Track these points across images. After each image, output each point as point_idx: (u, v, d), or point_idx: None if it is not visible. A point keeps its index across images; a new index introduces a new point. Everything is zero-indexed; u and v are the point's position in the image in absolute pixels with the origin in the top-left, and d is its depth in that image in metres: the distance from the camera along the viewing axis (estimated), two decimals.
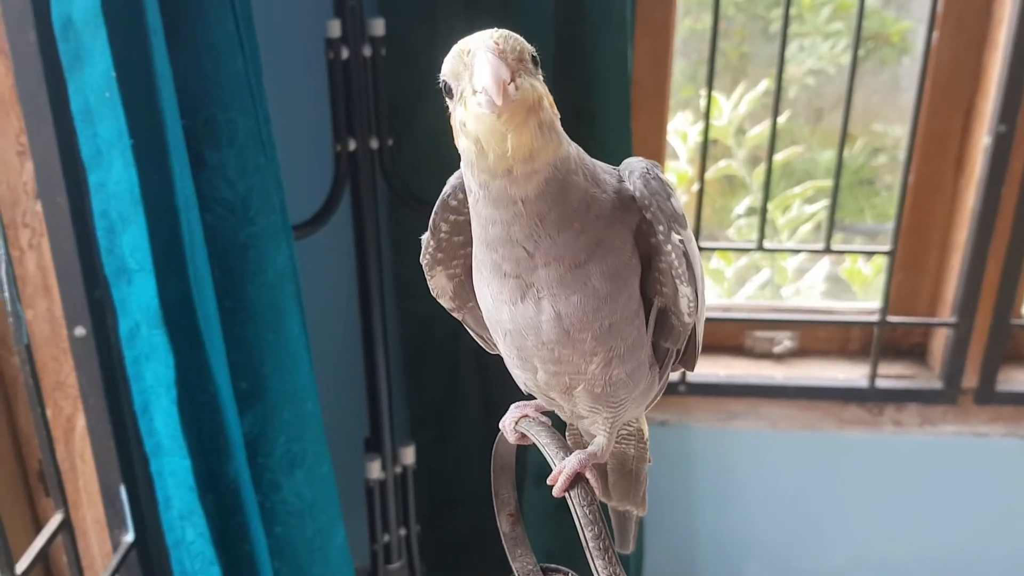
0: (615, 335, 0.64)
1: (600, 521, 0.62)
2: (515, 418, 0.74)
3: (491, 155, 0.57)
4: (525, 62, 0.57)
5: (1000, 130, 1.73)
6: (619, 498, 0.84)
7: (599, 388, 0.67)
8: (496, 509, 0.73)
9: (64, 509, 1.19)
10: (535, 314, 0.63)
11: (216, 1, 1.03)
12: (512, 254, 0.62)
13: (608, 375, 0.66)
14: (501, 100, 0.54)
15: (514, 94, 0.55)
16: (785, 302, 2.41)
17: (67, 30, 0.93)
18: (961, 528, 2.03)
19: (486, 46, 0.56)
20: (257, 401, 1.21)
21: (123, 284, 1.02)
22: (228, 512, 1.16)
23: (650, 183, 0.63)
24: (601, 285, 0.62)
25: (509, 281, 0.63)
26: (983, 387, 1.95)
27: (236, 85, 1.07)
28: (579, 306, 0.62)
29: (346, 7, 1.37)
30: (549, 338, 0.64)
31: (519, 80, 0.56)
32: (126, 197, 0.97)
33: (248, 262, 1.15)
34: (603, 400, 0.68)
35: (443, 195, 0.67)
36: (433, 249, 0.70)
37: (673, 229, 0.63)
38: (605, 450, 0.70)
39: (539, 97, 0.57)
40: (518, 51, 0.57)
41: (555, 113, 0.59)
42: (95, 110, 0.95)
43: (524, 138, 0.57)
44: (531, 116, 0.57)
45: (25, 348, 1.09)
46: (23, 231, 1.13)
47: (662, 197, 0.63)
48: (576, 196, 0.60)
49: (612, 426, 0.70)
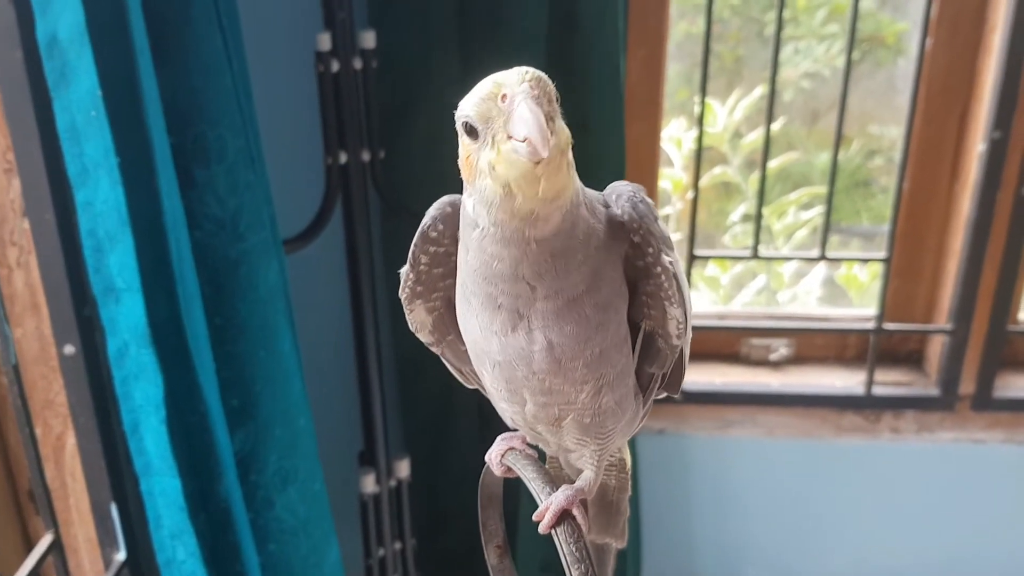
0: (605, 362, 0.63)
1: (587, 559, 0.62)
2: (501, 451, 0.73)
3: (519, 198, 0.57)
4: (553, 103, 0.57)
5: (995, 136, 1.73)
6: (598, 531, 0.83)
7: (588, 418, 0.66)
8: (484, 541, 0.73)
9: (54, 529, 1.18)
10: (527, 344, 0.62)
11: (204, 17, 1.02)
12: (514, 289, 0.61)
13: (597, 403, 0.65)
14: (546, 150, 0.54)
15: (552, 142, 0.55)
16: (781, 309, 2.41)
17: (52, 48, 0.92)
18: (959, 534, 2.03)
19: (524, 91, 0.56)
20: (248, 419, 1.20)
21: (111, 303, 1.01)
22: (220, 531, 1.15)
23: (638, 206, 0.62)
24: (593, 314, 0.61)
25: (502, 313, 0.62)
26: (980, 393, 1.94)
27: (225, 102, 1.06)
28: (572, 336, 0.62)
29: (336, 20, 1.37)
30: (540, 368, 0.63)
31: (552, 125, 0.56)
32: (113, 216, 0.96)
33: (239, 279, 1.14)
34: (591, 432, 0.68)
35: (423, 227, 0.66)
36: (412, 282, 0.69)
37: (662, 251, 0.62)
38: (593, 485, 0.69)
39: (568, 140, 0.58)
40: (548, 93, 0.57)
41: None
42: (81, 128, 0.94)
43: (555, 182, 0.57)
44: (563, 160, 0.57)
45: (13, 368, 1.08)
46: (11, 249, 1.12)
47: (650, 220, 0.62)
48: (581, 229, 0.60)
49: (600, 459, 0.70)
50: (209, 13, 1.02)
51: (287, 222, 1.30)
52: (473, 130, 0.58)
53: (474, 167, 0.58)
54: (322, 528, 1.32)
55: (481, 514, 0.74)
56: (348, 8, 1.37)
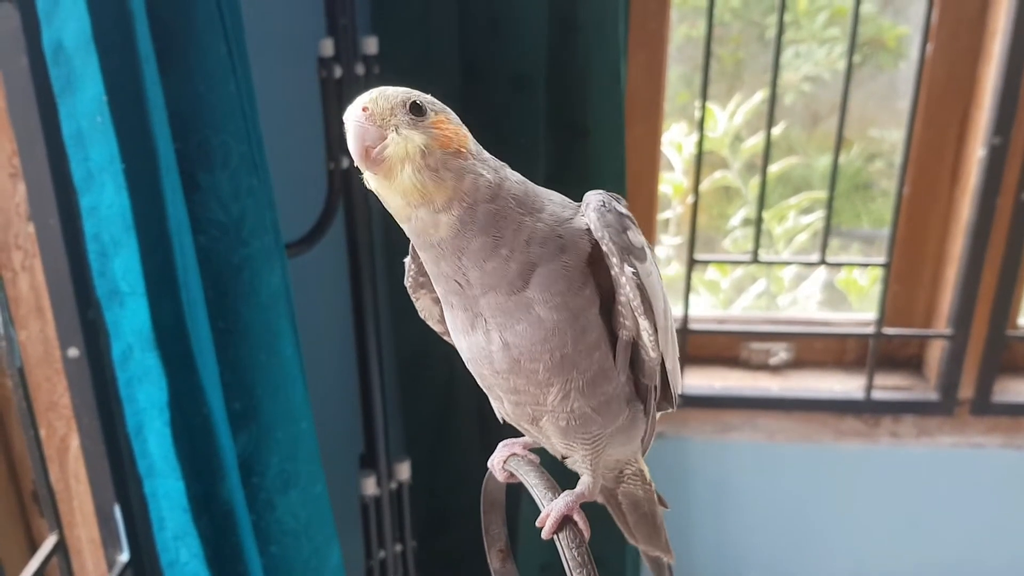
0: (569, 366, 0.64)
1: (589, 563, 0.62)
2: (503, 457, 0.74)
3: (392, 206, 0.60)
4: (398, 116, 0.60)
5: (995, 142, 1.73)
6: (644, 541, 0.85)
7: (563, 421, 0.67)
8: (487, 546, 0.73)
9: (58, 531, 1.19)
10: (486, 343, 0.64)
11: (208, 25, 1.03)
12: (450, 287, 0.63)
13: (569, 407, 0.66)
14: (365, 164, 0.58)
15: (380, 153, 0.59)
16: (781, 313, 2.41)
17: (58, 55, 0.93)
18: (958, 538, 2.03)
19: (353, 115, 0.60)
20: (251, 422, 1.20)
21: (115, 307, 1.02)
22: (222, 533, 1.16)
23: (604, 215, 0.63)
24: (546, 314, 0.62)
25: (459, 312, 0.64)
26: (979, 398, 1.95)
27: (228, 107, 1.07)
28: (525, 335, 0.63)
29: (339, 26, 1.37)
30: (502, 367, 0.64)
31: (391, 137, 0.59)
32: (118, 221, 0.97)
33: (242, 283, 1.15)
34: (572, 435, 0.68)
35: None
36: (415, 273, 0.71)
37: (627, 261, 0.62)
38: (592, 489, 0.70)
39: (415, 147, 0.59)
40: (389, 108, 0.60)
41: (456, 150, 0.60)
42: (86, 134, 0.95)
43: (408, 187, 0.59)
44: (407, 166, 0.59)
45: (18, 370, 1.09)
46: (16, 253, 1.13)
47: (615, 230, 0.62)
48: (499, 224, 0.61)
49: (594, 464, 0.70)
50: (213, 20, 1.03)
51: (290, 226, 1.30)
52: None
53: None
54: (324, 530, 1.32)
55: (484, 519, 0.74)
56: (350, 14, 1.38)
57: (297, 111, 1.49)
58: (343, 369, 1.64)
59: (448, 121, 0.61)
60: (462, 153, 0.61)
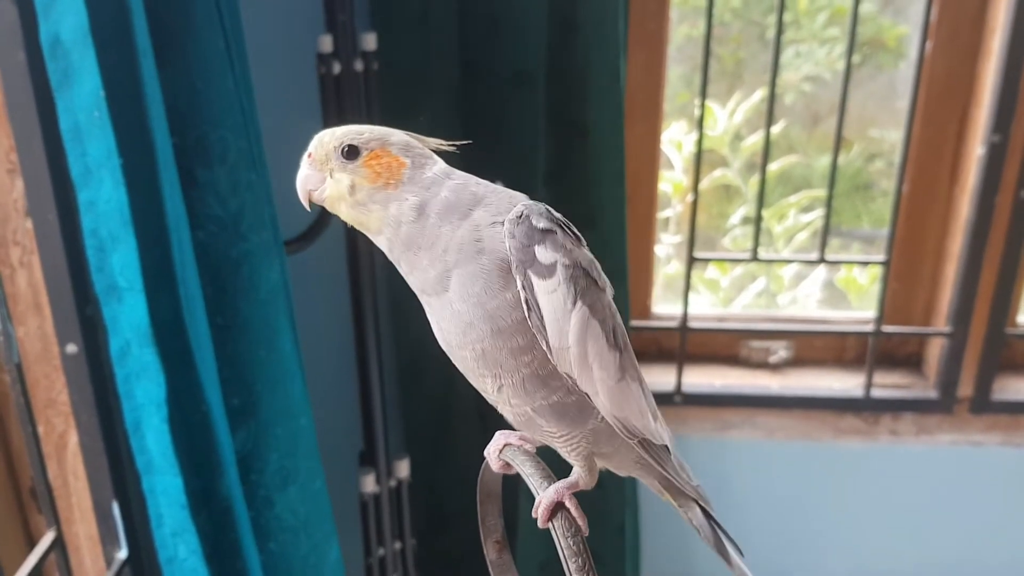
0: (493, 362, 0.67)
1: (584, 552, 0.62)
2: (499, 446, 0.74)
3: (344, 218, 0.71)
4: (331, 161, 0.69)
5: (994, 140, 1.73)
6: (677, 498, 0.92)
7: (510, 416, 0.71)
8: (483, 537, 0.73)
9: (56, 527, 1.18)
10: (432, 324, 0.70)
11: (206, 19, 1.03)
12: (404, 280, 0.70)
13: (507, 401, 0.69)
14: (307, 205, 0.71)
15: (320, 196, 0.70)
16: (781, 311, 2.41)
17: (55, 49, 0.93)
18: (957, 537, 2.03)
19: (304, 161, 0.70)
20: (250, 418, 1.20)
21: (113, 302, 1.01)
22: (221, 529, 1.16)
23: (515, 229, 0.66)
24: (463, 309, 0.66)
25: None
26: (978, 396, 1.95)
27: (227, 103, 1.06)
28: (449, 326, 0.67)
29: (338, 22, 1.37)
30: (442, 343, 0.69)
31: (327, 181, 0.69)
32: (116, 216, 0.97)
33: (240, 279, 1.15)
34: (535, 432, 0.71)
35: None
36: None
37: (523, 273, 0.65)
38: (586, 479, 0.71)
39: (344, 188, 0.68)
40: (325, 154, 0.69)
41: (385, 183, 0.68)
42: (84, 129, 0.95)
43: (348, 219, 0.70)
44: (341, 204, 0.69)
45: (16, 366, 1.08)
46: (13, 248, 1.13)
47: (519, 243, 0.65)
48: (419, 239, 0.67)
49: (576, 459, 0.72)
50: (211, 15, 1.03)
51: (289, 223, 1.30)
52: None
53: None
54: (322, 527, 1.32)
55: (480, 510, 0.74)
56: (349, 10, 1.38)
57: (296, 107, 1.49)
58: (342, 366, 1.64)
59: (382, 155, 0.69)
60: (391, 184, 0.68)
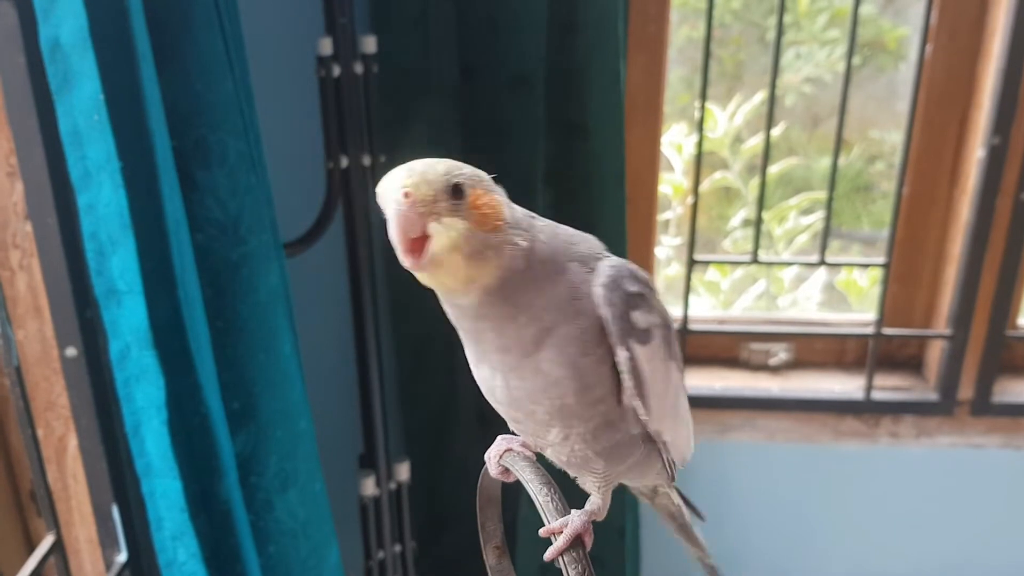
0: (570, 415, 0.63)
1: None
2: (500, 451, 0.73)
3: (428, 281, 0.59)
4: (440, 202, 0.57)
5: (994, 142, 1.73)
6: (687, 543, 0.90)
7: (564, 457, 0.67)
8: (482, 542, 0.73)
9: (56, 530, 1.18)
10: (490, 376, 0.63)
11: (205, 22, 1.02)
12: (466, 337, 0.63)
13: (570, 448, 0.65)
14: (410, 262, 0.56)
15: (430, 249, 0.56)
16: (781, 313, 2.41)
17: (55, 52, 0.93)
18: (958, 539, 2.03)
19: (396, 202, 0.56)
20: (249, 421, 1.20)
21: (113, 306, 1.01)
22: (220, 532, 1.16)
23: (612, 295, 0.61)
24: (551, 370, 0.61)
25: (470, 346, 0.64)
26: (979, 398, 1.94)
27: (226, 105, 1.06)
28: (528, 382, 0.62)
29: (337, 25, 1.37)
30: (502, 400, 0.64)
31: (433, 227, 0.56)
32: (115, 219, 0.97)
33: (240, 282, 1.15)
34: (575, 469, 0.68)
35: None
36: None
37: (624, 344, 0.61)
38: (602, 509, 0.69)
39: (458, 236, 0.57)
40: (433, 194, 0.56)
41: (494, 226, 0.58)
42: (84, 132, 0.95)
43: (450, 277, 0.57)
44: (453, 256, 0.57)
45: (15, 370, 1.08)
46: (13, 252, 1.13)
47: (618, 311, 0.61)
48: (522, 293, 0.59)
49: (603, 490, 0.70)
50: (210, 17, 1.03)
51: (288, 226, 1.30)
52: None
53: None
54: (322, 530, 1.32)
55: (479, 515, 0.74)
56: (349, 13, 1.38)
57: (296, 110, 1.49)
58: (342, 369, 1.64)
59: (484, 193, 0.59)
60: (499, 226, 0.58)
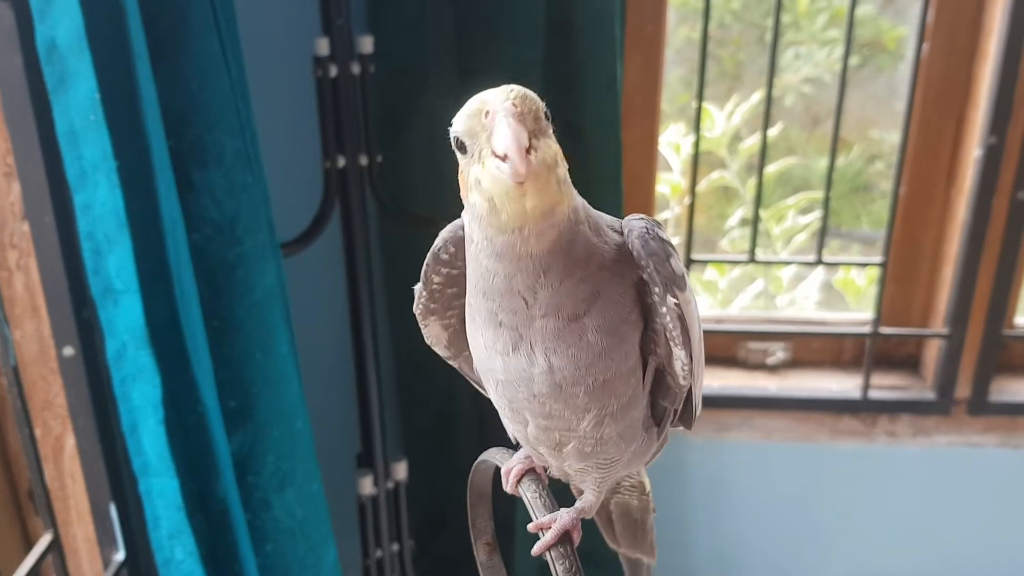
0: (608, 392, 0.63)
1: None
2: (520, 472, 0.72)
3: (504, 214, 0.57)
4: (540, 121, 0.58)
5: (991, 142, 1.73)
6: (628, 546, 0.85)
7: (589, 447, 0.66)
8: (473, 538, 0.73)
9: (53, 529, 1.19)
10: (528, 366, 0.62)
11: (201, 22, 1.03)
12: (510, 304, 0.61)
13: (600, 433, 0.65)
14: (524, 168, 0.54)
15: (535, 159, 0.55)
16: (779, 313, 2.41)
17: (51, 53, 0.93)
18: (955, 538, 2.03)
19: (506, 109, 0.56)
20: (246, 420, 1.20)
21: (109, 305, 1.02)
22: (218, 531, 1.16)
23: (648, 243, 0.61)
24: (596, 339, 0.61)
25: (504, 331, 0.62)
26: (976, 397, 1.95)
27: (223, 105, 1.07)
28: (573, 359, 0.61)
29: (334, 25, 1.37)
30: (541, 391, 0.63)
31: (536, 142, 0.56)
32: (112, 219, 0.97)
33: (236, 281, 1.15)
34: (592, 459, 0.68)
35: (434, 248, 0.67)
36: (426, 299, 0.70)
37: (669, 291, 0.61)
38: (593, 507, 0.70)
39: (555, 156, 0.58)
40: (534, 111, 0.57)
41: (566, 166, 0.59)
42: (80, 132, 0.95)
43: (544, 199, 0.57)
44: (551, 176, 0.57)
45: (13, 369, 1.09)
46: (10, 252, 1.13)
47: (660, 258, 0.61)
48: (580, 246, 0.60)
49: (601, 485, 0.70)
50: (207, 17, 1.03)
51: (285, 225, 1.30)
52: (463, 145, 0.59)
53: (465, 182, 0.59)
54: (320, 529, 1.32)
55: (470, 512, 0.74)
56: (346, 13, 1.38)
57: (293, 110, 1.49)
58: (340, 368, 1.64)
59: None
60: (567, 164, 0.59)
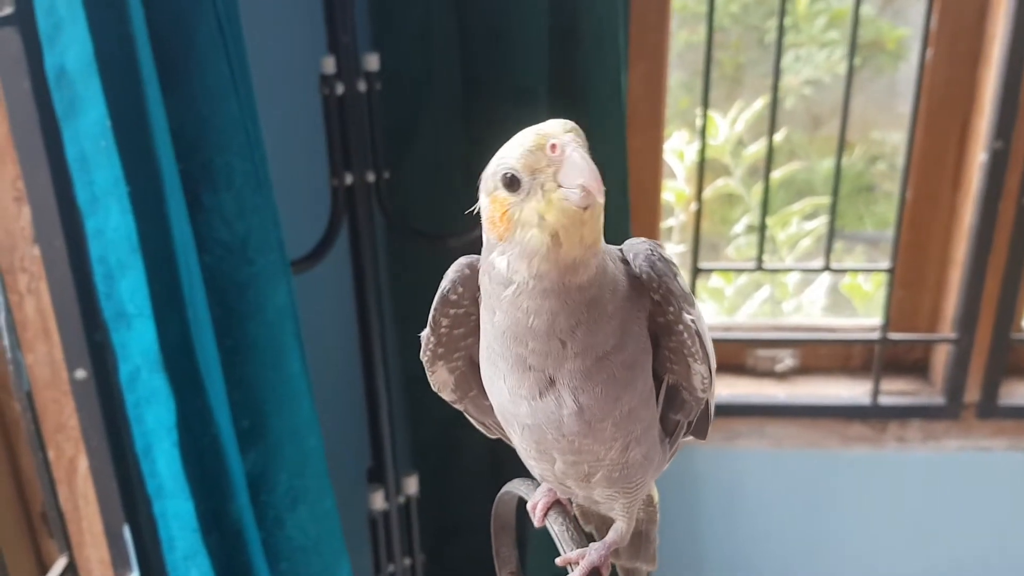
0: (633, 420, 0.63)
1: None
2: (545, 506, 0.72)
3: (566, 246, 0.57)
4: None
5: (996, 146, 1.73)
6: (628, 557, 0.84)
7: (617, 473, 0.66)
8: (497, 568, 0.73)
9: (68, 552, 1.19)
10: (556, 408, 0.62)
11: (210, 46, 1.03)
12: (546, 348, 0.60)
13: (626, 459, 0.65)
14: (602, 197, 0.55)
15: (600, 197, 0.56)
16: (786, 319, 2.41)
17: (61, 79, 0.93)
18: (966, 542, 2.03)
19: (573, 142, 0.56)
20: (259, 439, 1.21)
21: (122, 329, 1.02)
22: (232, 551, 1.16)
23: (656, 265, 0.61)
24: (622, 373, 0.61)
25: (531, 375, 0.62)
26: (985, 402, 1.94)
27: (232, 128, 1.07)
28: (601, 397, 0.61)
29: (340, 43, 1.38)
30: (571, 431, 0.63)
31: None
32: (124, 243, 0.98)
33: (248, 301, 1.15)
34: (620, 484, 0.68)
35: (442, 290, 0.66)
36: (434, 345, 0.69)
37: (684, 309, 0.62)
38: (625, 536, 0.70)
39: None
40: (585, 143, 0.57)
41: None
42: (90, 158, 0.95)
43: (595, 229, 0.58)
44: (600, 208, 0.57)
45: (26, 393, 1.09)
46: (21, 276, 1.13)
47: (669, 278, 0.62)
48: (609, 275, 0.60)
49: (630, 510, 0.70)
50: (214, 40, 1.04)
51: (294, 243, 1.31)
52: (515, 182, 0.58)
53: (514, 220, 0.58)
54: (333, 546, 1.32)
55: (494, 542, 0.74)
56: (352, 32, 1.38)
57: (300, 129, 1.49)
58: (350, 384, 1.64)
59: None
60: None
